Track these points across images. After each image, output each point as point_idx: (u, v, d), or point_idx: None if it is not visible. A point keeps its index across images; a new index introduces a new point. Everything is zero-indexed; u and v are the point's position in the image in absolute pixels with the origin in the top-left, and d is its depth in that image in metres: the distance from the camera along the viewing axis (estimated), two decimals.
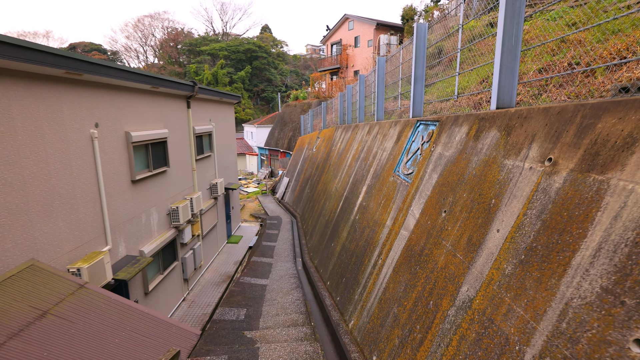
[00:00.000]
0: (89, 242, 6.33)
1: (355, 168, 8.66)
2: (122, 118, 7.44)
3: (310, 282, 8.54)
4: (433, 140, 4.60)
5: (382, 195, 5.81)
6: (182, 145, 10.54)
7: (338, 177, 10.72)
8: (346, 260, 6.54)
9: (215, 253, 13.71)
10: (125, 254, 7.47)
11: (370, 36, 30.85)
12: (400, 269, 4.23)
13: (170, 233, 9.36)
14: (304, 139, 25.11)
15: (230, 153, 16.05)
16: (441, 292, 3.38)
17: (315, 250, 9.95)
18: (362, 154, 8.56)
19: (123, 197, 7.40)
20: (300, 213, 17.24)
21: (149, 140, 8.33)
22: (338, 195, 9.60)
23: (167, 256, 9.44)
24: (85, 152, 6.29)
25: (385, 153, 6.62)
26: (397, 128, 6.38)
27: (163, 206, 9.20)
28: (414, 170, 4.86)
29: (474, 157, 3.58)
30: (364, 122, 10.08)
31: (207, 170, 12.73)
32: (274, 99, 70.43)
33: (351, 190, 8.20)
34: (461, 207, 3.49)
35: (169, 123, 9.63)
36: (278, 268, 10.53)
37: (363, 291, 5.07)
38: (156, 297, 8.71)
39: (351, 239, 6.70)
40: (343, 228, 7.66)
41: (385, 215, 5.31)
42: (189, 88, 10.46)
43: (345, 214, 7.90)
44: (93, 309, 4.27)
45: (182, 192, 10.45)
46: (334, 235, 8.28)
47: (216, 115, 13.94)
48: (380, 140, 7.26)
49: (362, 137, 9.23)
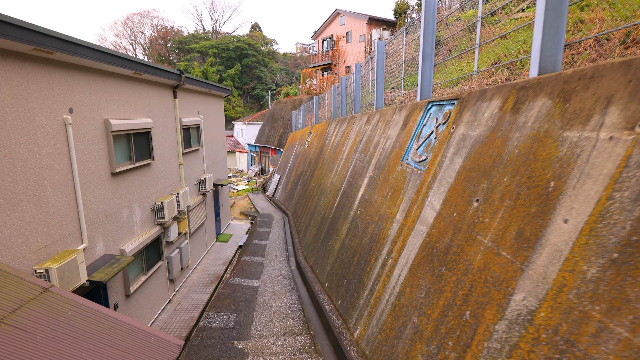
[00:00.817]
0: (61, 240, 5.68)
1: (354, 160, 8.16)
2: (101, 105, 6.79)
3: (305, 283, 8.00)
4: (452, 120, 4.11)
5: (388, 186, 5.31)
6: (168, 138, 9.89)
7: (334, 171, 10.20)
8: (347, 259, 6.02)
9: (204, 252, 13.06)
10: (104, 252, 6.83)
11: (362, 31, 30.40)
12: (419, 269, 3.70)
13: (154, 230, 8.72)
14: (296, 135, 24.54)
15: (219, 148, 15.40)
16: (481, 300, 2.78)
17: (310, 249, 9.42)
18: (360, 145, 8.06)
19: (101, 190, 6.75)
20: (292, 210, 16.68)
21: (131, 130, 7.68)
22: (334, 189, 9.08)
23: (152, 255, 8.80)
24: (57, 140, 5.64)
25: (389, 141, 6.12)
26: (403, 113, 5.88)
27: (147, 202, 8.55)
28: (428, 156, 4.37)
29: (515, 133, 3.04)
30: (361, 113, 9.57)
31: (195, 165, 12.09)
32: (264, 97, 69.74)
33: (350, 183, 7.69)
34: (501, 194, 2.95)
35: (154, 113, 8.98)
36: (270, 268, 9.96)
37: (370, 295, 4.54)
38: (139, 299, 8.07)
39: (352, 236, 6.19)
40: (342, 224, 7.15)
41: (393, 209, 4.81)
42: (176, 77, 9.81)
43: (344, 209, 7.38)
44: (57, 317, 3.66)
45: (168, 187, 9.80)
46: (331, 233, 7.77)
47: (205, 108, 13.28)
48: (382, 128, 6.76)
49: (361, 128, 8.73)
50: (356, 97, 11.27)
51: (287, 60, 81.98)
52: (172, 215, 9.22)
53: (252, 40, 70.67)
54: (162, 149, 9.46)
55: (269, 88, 68.56)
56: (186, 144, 11.25)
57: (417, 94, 5.63)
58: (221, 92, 14.94)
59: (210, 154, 13.94)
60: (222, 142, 16.04)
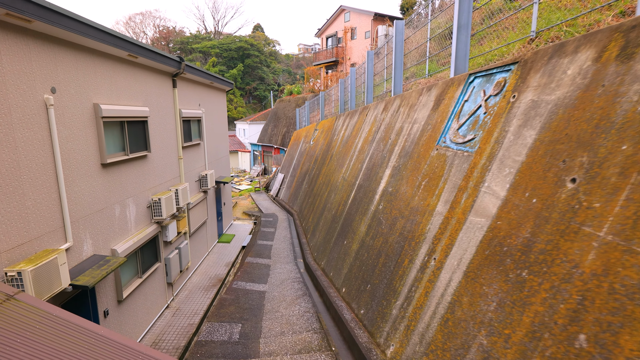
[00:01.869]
0: (40, 238, 4.93)
1: (370, 151, 7.40)
2: (90, 87, 6.05)
3: (318, 287, 7.23)
4: (511, 88, 3.36)
5: (420, 175, 4.55)
6: (167, 129, 9.15)
7: (345, 165, 9.44)
8: (369, 261, 5.25)
9: (205, 253, 12.30)
10: (92, 253, 6.07)
11: (368, 27, 29.68)
12: (482, 274, 2.92)
13: (151, 229, 7.96)
14: (300, 132, 23.80)
15: (221, 144, 14.66)
16: (609, 319, 1.99)
17: (321, 250, 8.66)
18: (378, 135, 7.30)
19: (90, 183, 6.01)
20: (298, 210, 15.92)
21: (124, 117, 6.94)
22: (347, 185, 8.33)
23: (147, 256, 8.04)
24: (36, 122, 4.90)
25: (416, 126, 5.37)
26: (434, 92, 5.12)
27: (143, 197, 7.80)
28: (477, 134, 3.62)
29: (631, 85, 2.30)
30: (376, 102, 8.82)
31: (195, 160, 11.34)
32: (267, 98, 69.23)
33: (367, 176, 6.93)
34: (621, 168, 2.20)
35: (151, 101, 8.24)
36: (277, 270, 9.18)
37: (406, 304, 3.77)
38: (133, 305, 7.31)
39: (375, 234, 5.43)
40: (359, 222, 6.38)
41: (431, 200, 4.05)
42: (175, 64, 9.08)
43: (362, 205, 6.62)
44: (20, 332, 2.90)
45: (166, 182, 9.06)
46: (346, 231, 7.00)
47: (206, 100, 12.55)
48: (406, 113, 6.01)
49: (377, 117, 7.97)
50: (368, 87, 10.52)
51: (289, 61, 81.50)
52: (170, 213, 8.47)
53: (254, 41, 70.20)
54: (160, 141, 8.72)
55: (272, 88, 68.03)
56: (186, 137, 10.51)
57: (451, 68, 4.88)
58: (224, 85, 14.22)
59: (212, 150, 13.21)
60: (225, 138, 15.31)
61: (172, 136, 9.47)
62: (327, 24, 34.61)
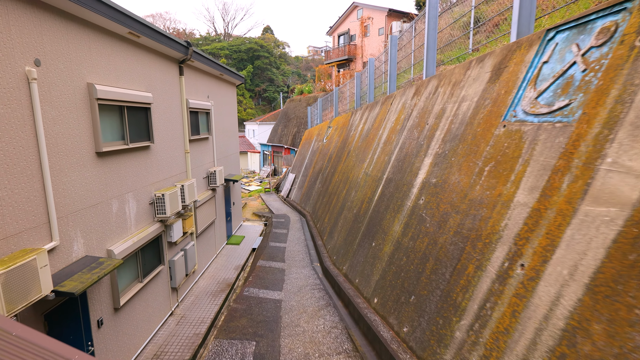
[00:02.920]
0: (19, 236, 4.15)
1: (400, 141, 6.52)
2: (84, 64, 5.30)
3: (341, 296, 6.35)
4: (634, 30, 2.46)
5: (480, 159, 3.67)
6: (172, 120, 8.39)
7: (367, 159, 8.57)
8: (410, 266, 4.36)
9: (213, 256, 11.50)
10: (84, 254, 5.29)
11: (382, 24, 28.81)
12: (628, 289, 2.00)
13: (153, 228, 7.18)
14: (312, 131, 22.98)
15: (231, 140, 13.90)
16: None
17: (342, 253, 7.78)
18: (409, 122, 6.42)
19: (82, 173, 5.23)
20: (311, 211, 15.06)
21: (124, 101, 6.18)
22: (372, 180, 7.45)
23: (149, 258, 7.25)
24: (15, 98, 4.14)
25: (465, 104, 4.48)
26: (489, 62, 4.24)
27: (144, 193, 7.03)
28: (575, 98, 2.74)
29: None
30: (403, 89, 7.94)
31: (203, 155, 10.57)
32: (276, 99, 68.86)
33: (398, 169, 6.04)
34: None
35: (155, 87, 7.48)
36: (293, 276, 8.30)
37: (479, 326, 2.86)
38: (132, 312, 6.51)
39: (416, 233, 4.54)
40: (392, 220, 5.50)
41: (503, 188, 3.16)
42: (182, 49, 8.33)
43: (393, 201, 5.73)
44: None
45: (172, 177, 8.28)
46: (374, 231, 6.12)
47: (216, 93, 11.80)
48: (447, 92, 5.13)
49: (405, 104, 7.09)
50: (391, 75, 9.64)
51: (298, 63, 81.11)
52: (175, 210, 7.68)
53: (264, 42, 69.94)
54: (165, 132, 7.95)
55: (281, 90, 67.57)
56: (194, 130, 9.74)
57: (512, 31, 4.00)
58: (234, 78, 13.48)
59: (221, 145, 12.44)
60: (234, 134, 14.55)
61: (178, 128, 8.70)
62: (339, 22, 33.85)
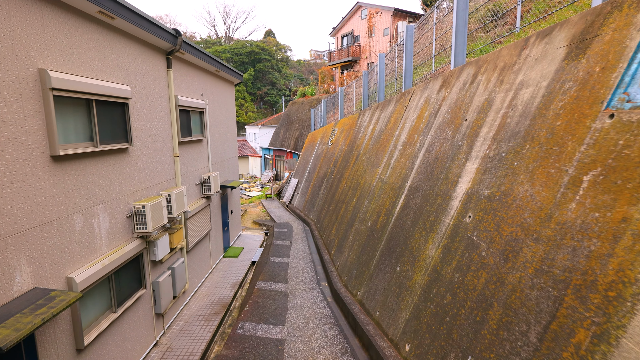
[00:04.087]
0: None
1: (426, 143, 5.38)
2: (34, 44, 4.20)
3: (358, 333, 5.17)
4: None
5: (571, 164, 2.52)
6: (158, 119, 7.29)
7: (382, 164, 7.43)
8: (461, 310, 3.19)
9: (207, 271, 10.35)
10: (32, 286, 4.15)
11: (387, 24, 27.78)
12: None
13: (132, 246, 6.05)
14: (315, 134, 21.88)
15: (229, 143, 12.79)
16: None
17: (354, 274, 6.63)
18: (437, 119, 5.29)
19: (29, 183, 4.12)
20: (315, 219, 13.91)
21: (91, 94, 5.08)
22: (389, 188, 6.31)
23: (127, 282, 6.12)
24: None
25: (527, 91, 3.35)
26: (563, 33, 3.10)
27: (120, 204, 5.90)
28: None
29: None
30: (423, 84, 6.81)
31: (196, 160, 9.46)
32: (278, 103, 67.99)
33: (427, 175, 4.90)
34: None
35: (135, 80, 6.39)
36: (298, 302, 7.09)
37: None
38: (103, 351, 5.36)
39: (464, 263, 3.38)
40: (423, 240, 4.36)
41: (633, 209, 2.03)
42: (169, 38, 7.25)
43: (424, 215, 4.58)
44: None
45: (157, 185, 7.16)
46: (398, 253, 4.98)
47: (211, 91, 10.71)
48: (494, 79, 4.01)
49: (429, 98, 5.96)
50: (407, 69, 8.52)
51: (300, 67, 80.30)
52: (159, 224, 6.55)
53: (265, 45, 69.18)
54: (148, 132, 6.85)
55: (283, 93, 66.67)
56: (184, 131, 8.63)
57: None
58: (232, 75, 12.40)
59: (217, 149, 11.33)
60: (232, 137, 13.45)
61: (165, 128, 7.59)
62: (342, 22, 32.87)
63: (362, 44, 30.42)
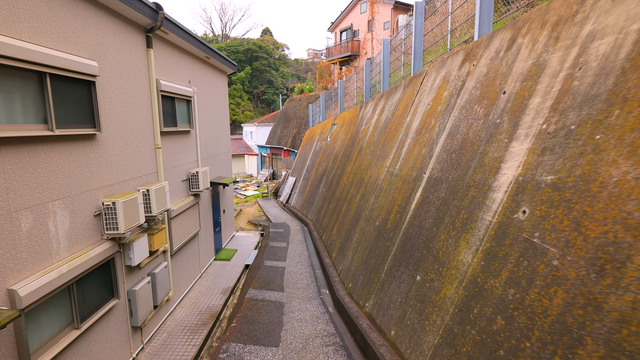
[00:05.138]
0: None
1: (447, 126, 4.52)
2: None
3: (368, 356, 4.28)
4: None
5: None
6: (135, 103, 6.38)
7: (390, 156, 6.56)
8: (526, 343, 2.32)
9: (196, 276, 9.44)
10: None
11: (387, 17, 26.92)
12: None
13: (99, 250, 5.14)
14: (314, 130, 21.00)
15: (221, 137, 11.88)
16: None
17: (360, 281, 5.75)
18: (460, 98, 4.43)
19: None
20: (314, 219, 13.03)
21: (43, 65, 4.18)
22: (401, 181, 5.45)
23: (94, 292, 5.21)
24: None
25: (603, 42, 2.50)
26: None
27: (85, 201, 5.00)
28: None
29: None
30: (439, 62, 5.93)
31: (183, 154, 8.55)
32: (275, 102, 67.07)
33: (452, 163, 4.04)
34: None
35: (105, 55, 5.49)
36: (295, 315, 6.15)
37: None
38: None
39: (521, 275, 2.52)
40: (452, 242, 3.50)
41: None
42: (149, 12, 6.36)
43: (449, 212, 3.72)
44: None
45: (134, 179, 6.26)
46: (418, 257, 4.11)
47: (201, 80, 9.81)
48: (543, 40, 3.16)
49: (448, 76, 5.09)
50: (416, 51, 7.66)
51: (298, 65, 79.40)
52: (134, 223, 5.64)
53: (262, 43, 68.26)
54: (122, 118, 5.95)
55: (280, 92, 65.77)
56: (168, 119, 7.73)
57: None
58: (225, 64, 11.50)
59: (208, 143, 10.42)
60: (225, 131, 12.54)
61: (144, 115, 6.69)
62: (341, 17, 31.99)
63: (362, 39, 29.55)
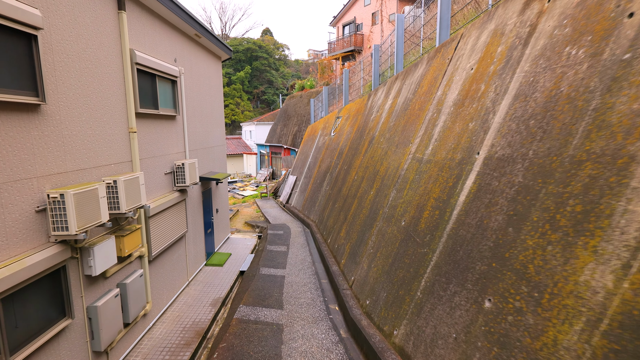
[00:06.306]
0: None
1: (513, 87, 3.31)
2: None
3: None
4: None
5: None
6: (100, 74, 5.15)
7: (416, 140, 5.35)
8: None
9: (182, 285, 8.17)
10: None
11: (392, 9, 25.75)
12: None
13: (43, 256, 3.90)
14: (316, 126, 19.77)
15: (214, 127, 10.65)
16: None
17: (383, 298, 4.52)
18: (529, 49, 3.21)
19: None
20: (317, 220, 11.78)
21: None
22: (437, 168, 4.23)
23: (35, 311, 3.97)
24: None
25: None
26: None
27: (23, 192, 3.77)
28: None
29: None
30: (476, 21, 4.71)
31: (166, 142, 7.31)
32: (275, 102, 65.97)
33: (537, 131, 2.79)
34: None
35: (55, 5, 4.26)
36: (298, 347, 4.69)
37: None
38: None
39: None
40: (561, 253, 2.26)
41: None
42: None
43: (536, 205, 2.48)
44: None
45: (99, 168, 5.02)
46: (479, 271, 2.91)
47: (189, 60, 8.59)
48: None
49: (502, 30, 3.86)
50: (442, 18, 6.46)
51: (298, 66, 78.33)
52: (92, 222, 4.39)
53: (263, 43, 67.26)
54: (81, 90, 4.71)
55: (280, 92, 64.66)
56: (146, 100, 6.50)
57: None
58: (219, 48, 10.28)
59: (198, 133, 9.19)
60: (219, 121, 11.31)
61: (114, 90, 5.45)
62: (344, 10, 30.85)
63: (365, 33, 28.37)
